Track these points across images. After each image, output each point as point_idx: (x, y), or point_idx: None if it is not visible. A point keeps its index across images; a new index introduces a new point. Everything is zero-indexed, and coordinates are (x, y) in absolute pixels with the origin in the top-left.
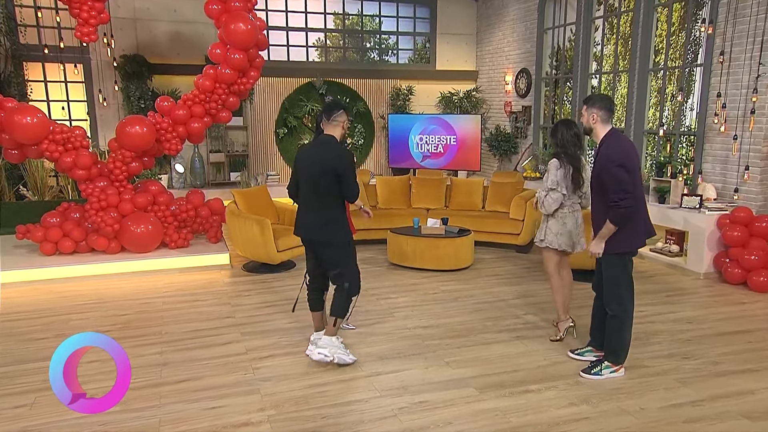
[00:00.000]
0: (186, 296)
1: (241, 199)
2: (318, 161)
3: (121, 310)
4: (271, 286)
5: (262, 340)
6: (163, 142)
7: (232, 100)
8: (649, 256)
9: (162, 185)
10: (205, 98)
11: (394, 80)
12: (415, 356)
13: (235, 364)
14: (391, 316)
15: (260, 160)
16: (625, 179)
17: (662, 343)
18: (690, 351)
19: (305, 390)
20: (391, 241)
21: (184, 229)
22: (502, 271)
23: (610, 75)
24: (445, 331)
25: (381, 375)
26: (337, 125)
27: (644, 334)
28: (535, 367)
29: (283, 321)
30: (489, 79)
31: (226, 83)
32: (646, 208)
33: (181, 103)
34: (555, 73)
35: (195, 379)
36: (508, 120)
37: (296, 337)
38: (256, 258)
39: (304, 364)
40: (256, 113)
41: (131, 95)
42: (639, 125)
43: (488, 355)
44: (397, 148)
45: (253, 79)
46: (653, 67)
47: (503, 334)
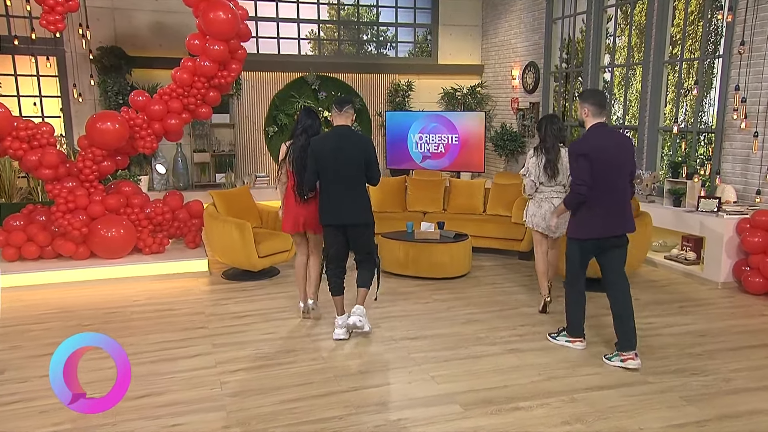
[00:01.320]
0: (157, 305)
1: (221, 201)
2: (351, 149)
3: (84, 320)
4: (251, 295)
5: (235, 352)
6: (137, 139)
7: (212, 95)
8: (664, 264)
9: (136, 186)
10: (183, 92)
11: (392, 75)
12: (399, 370)
13: (201, 378)
14: (376, 327)
15: (248, 160)
16: (582, 168)
17: (669, 358)
18: (700, 366)
19: (275, 406)
20: (382, 247)
21: (159, 234)
22: (501, 279)
23: (623, 68)
24: (433, 343)
25: (359, 390)
26: (348, 117)
27: (649, 348)
28: (528, 383)
29: (259, 332)
30: (495, 73)
31: (205, 76)
32: (618, 204)
33: (157, 98)
34: (565, 67)
35: (156, 395)
36: (514, 117)
37: (271, 349)
38: (236, 264)
39: (276, 377)
40: (243, 110)
41: (109, 90)
42: (654, 122)
43: (478, 369)
44: (395, 147)
45: (234, 72)
46: (669, 59)
47: (496, 347)
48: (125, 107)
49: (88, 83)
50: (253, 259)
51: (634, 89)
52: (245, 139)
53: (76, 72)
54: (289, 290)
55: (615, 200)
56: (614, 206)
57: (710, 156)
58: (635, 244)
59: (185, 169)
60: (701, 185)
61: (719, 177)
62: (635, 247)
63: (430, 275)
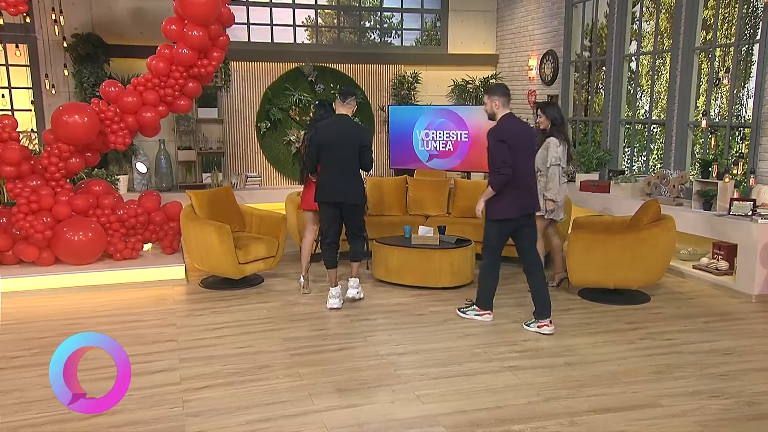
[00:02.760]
0: (125, 316)
1: (200, 202)
2: (348, 135)
3: (41, 332)
4: (230, 305)
5: (202, 368)
6: (108, 134)
7: (191, 86)
8: (693, 274)
9: (108, 185)
10: (159, 83)
11: (397, 66)
12: (382, 388)
13: (162, 395)
14: (362, 341)
15: (239, 159)
16: (504, 151)
17: (687, 378)
18: (721, 388)
19: (239, 427)
20: (376, 253)
21: (132, 238)
22: (507, 290)
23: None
24: (424, 358)
25: (335, 410)
26: (349, 108)
27: (666, 367)
28: (524, 403)
29: (233, 345)
30: (510, 63)
31: (183, 65)
32: (528, 187)
33: (131, 89)
34: (588, 56)
35: (109, 414)
36: (532, 112)
37: (244, 364)
38: (215, 271)
39: (244, 396)
40: (233, 104)
41: (84, 81)
42: (683, 116)
43: (470, 387)
44: (399, 145)
45: (216, 61)
46: (702, 45)
47: (493, 364)
48: (95, 98)
49: (62, 73)
50: (233, 266)
51: (663, 80)
52: (235, 135)
53: (49, 61)
54: (272, 300)
55: (528, 182)
56: (527, 188)
57: (745, 153)
58: (654, 252)
59: (169, 168)
60: (734, 186)
61: (754, 177)
62: (654, 254)
63: (428, 284)
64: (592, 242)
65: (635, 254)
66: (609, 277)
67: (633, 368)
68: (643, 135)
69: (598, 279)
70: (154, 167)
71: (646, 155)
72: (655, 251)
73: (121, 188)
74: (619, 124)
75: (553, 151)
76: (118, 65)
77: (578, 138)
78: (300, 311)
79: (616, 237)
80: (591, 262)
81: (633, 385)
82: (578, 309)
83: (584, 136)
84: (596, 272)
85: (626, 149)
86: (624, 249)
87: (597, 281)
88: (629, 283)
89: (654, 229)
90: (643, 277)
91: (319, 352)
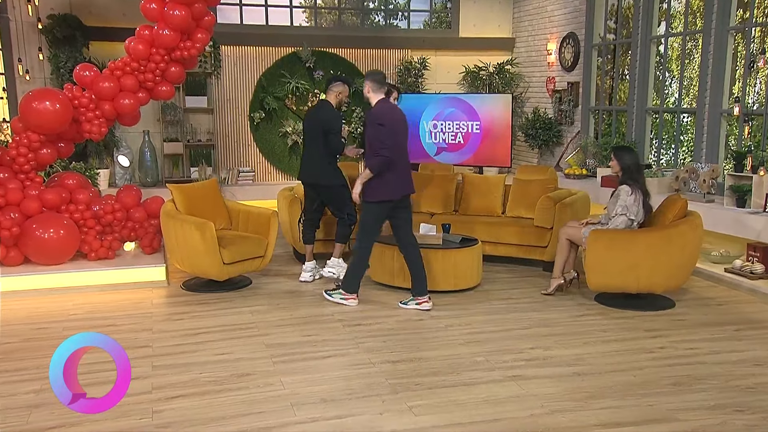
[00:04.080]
0: (98, 320)
1: (181, 197)
2: (314, 119)
3: (5, 337)
4: (213, 309)
5: (177, 376)
6: (83, 122)
7: (173, 70)
8: (725, 278)
9: (83, 179)
10: (138, 67)
11: (403, 51)
12: (371, 398)
13: (131, 405)
14: (354, 347)
15: (230, 152)
16: (383, 133)
17: (709, 391)
18: (747, 402)
19: None
20: (374, 254)
21: (109, 236)
22: (517, 293)
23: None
24: (419, 366)
25: (318, 421)
26: (331, 93)
27: (687, 378)
28: (526, 416)
29: (213, 352)
30: (527, 47)
31: (165, 48)
32: (405, 169)
33: (107, 73)
34: (612, 39)
35: (70, 426)
36: (550, 101)
37: (223, 372)
38: (198, 272)
39: (220, 406)
40: (224, 92)
41: (61, 66)
42: (715, 103)
43: (468, 398)
44: None
45: (200, 43)
46: (737, 25)
47: (496, 373)
48: (69, 84)
49: (37, 58)
50: (218, 267)
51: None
52: (226, 126)
53: (23, 44)
54: (259, 303)
55: (405, 165)
56: (405, 170)
57: None
58: (681, 252)
59: (153, 162)
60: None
61: None
62: (678, 255)
63: (429, 287)
64: (613, 241)
65: (661, 255)
66: (632, 280)
67: (650, 379)
68: (671, 125)
69: (619, 282)
70: (138, 161)
71: (675, 147)
72: (683, 251)
73: (102, 183)
74: (646, 114)
75: (622, 199)
76: (98, 49)
77: (601, 129)
78: (288, 316)
79: (640, 236)
80: (612, 264)
81: (648, 397)
82: (593, 315)
83: (608, 127)
84: (618, 275)
85: (653, 141)
86: (649, 249)
87: (619, 285)
88: (654, 287)
89: (682, 227)
90: (668, 280)
91: (306, 360)
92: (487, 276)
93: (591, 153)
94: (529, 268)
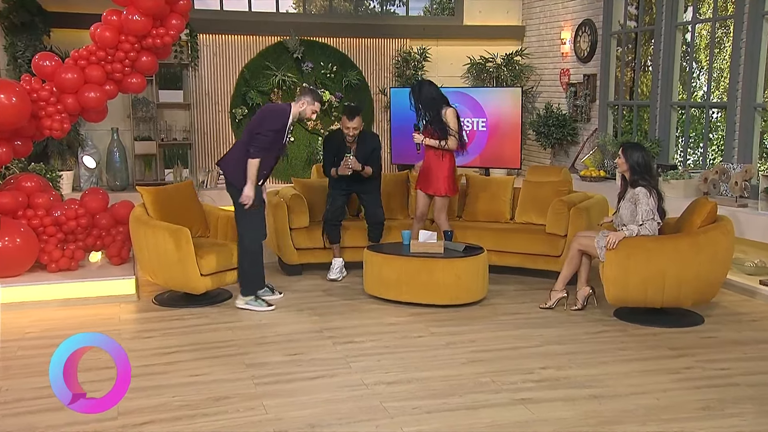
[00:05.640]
0: (58, 339)
1: (153, 201)
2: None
3: None
4: (188, 326)
5: (146, 400)
6: (42, 118)
7: (145, 60)
8: (760, 291)
9: (43, 181)
10: (105, 56)
11: (401, 40)
12: (363, 423)
13: None
14: (345, 367)
15: (208, 152)
16: None
17: (743, 416)
18: None
19: None
20: (368, 263)
21: (71, 245)
22: (526, 308)
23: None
24: (417, 388)
25: None
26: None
27: (717, 402)
28: None
29: (187, 373)
30: (539, 36)
31: (135, 35)
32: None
33: (71, 64)
34: (633, 26)
35: None
36: (564, 95)
37: (198, 395)
38: (171, 285)
39: None
40: (202, 86)
41: (19, 56)
42: (748, 98)
43: (471, 423)
44: (403, 136)
45: (174, 30)
46: None
47: (502, 395)
48: (27, 75)
49: None
50: (194, 279)
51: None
52: (205, 124)
53: None
54: (239, 319)
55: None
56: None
57: None
58: (712, 261)
59: (123, 163)
60: None
61: None
62: (708, 265)
63: (430, 301)
64: (634, 249)
65: (690, 264)
66: (656, 292)
67: (675, 403)
68: (699, 122)
69: (641, 295)
70: (106, 162)
71: (704, 146)
72: (713, 261)
73: (64, 187)
74: (671, 109)
75: (644, 203)
76: (60, 37)
77: (621, 126)
78: (271, 333)
79: (667, 242)
80: (634, 275)
81: (673, 422)
82: (612, 332)
83: (628, 123)
84: (640, 287)
85: (679, 139)
86: (675, 257)
87: (641, 298)
88: (681, 301)
89: (712, 233)
90: (697, 294)
91: (291, 381)
92: (494, 288)
93: (609, 153)
94: (540, 280)
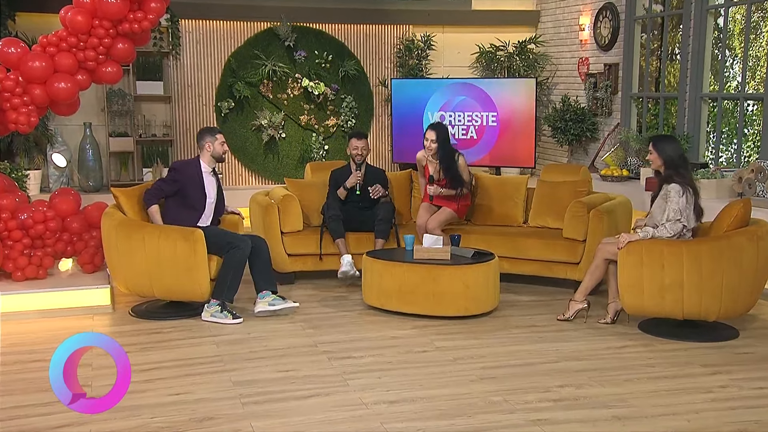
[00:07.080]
0: (22, 354)
1: (129, 201)
2: None
3: None
4: (168, 339)
5: (121, 422)
6: (7, 111)
7: (121, 47)
8: None
9: (9, 180)
10: (77, 43)
11: (404, 27)
12: None
13: None
14: (342, 385)
15: (191, 149)
16: None
17: None
18: None
19: None
20: (367, 271)
21: (39, 251)
22: (542, 320)
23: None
24: (421, 408)
25: None
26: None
27: (756, 425)
28: None
29: (168, 392)
30: (555, 22)
31: (110, 19)
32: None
33: (38, 51)
34: (660, 10)
35: None
36: (583, 86)
37: (178, 416)
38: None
39: None
40: (184, 76)
41: None
42: None
43: None
44: (405, 132)
45: (153, 14)
46: None
47: (516, 416)
48: None
49: None
50: (204, 284)
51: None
52: (187, 118)
53: None
54: (225, 332)
55: None
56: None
57: None
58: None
59: (97, 161)
60: None
61: None
62: (735, 273)
63: (435, 313)
64: (648, 254)
65: (711, 272)
66: (673, 303)
67: (708, 425)
68: (733, 115)
69: (658, 306)
70: (77, 160)
71: (738, 142)
72: (741, 269)
73: (31, 187)
74: (702, 101)
75: (674, 201)
76: (26, 22)
77: (645, 120)
78: (261, 347)
79: (684, 247)
80: (648, 282)
81: None
82: (636, 346)
83: (654, 118)
84: (656, 296)
85: (710, 135)
86: (692, 265)
87: (658, 309)
88: (705, 313)
89: (737, 238)
90: (724, 305)
91: (282, 400)
92: (506, 299)
93: (633, 150)
94: (557, 290)
